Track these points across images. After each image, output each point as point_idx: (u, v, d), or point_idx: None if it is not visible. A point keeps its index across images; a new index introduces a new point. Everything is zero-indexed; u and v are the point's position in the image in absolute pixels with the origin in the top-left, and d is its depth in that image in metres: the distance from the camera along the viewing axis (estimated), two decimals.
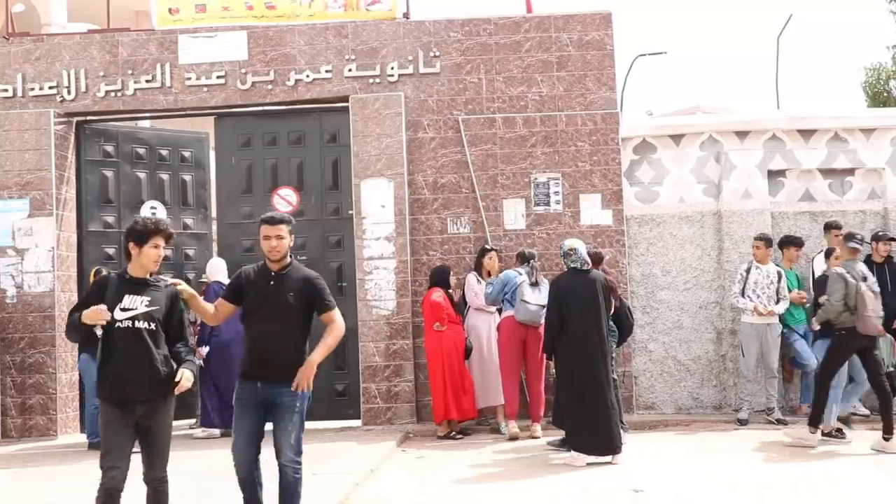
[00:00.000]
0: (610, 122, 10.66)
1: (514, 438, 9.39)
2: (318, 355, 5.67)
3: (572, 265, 8.37)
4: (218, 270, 10.47)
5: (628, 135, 10.85)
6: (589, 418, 8.06)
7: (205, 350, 10.03)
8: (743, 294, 9.85)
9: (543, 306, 9.35)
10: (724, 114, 18.09)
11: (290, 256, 5.82)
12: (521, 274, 9.57)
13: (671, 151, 10.88)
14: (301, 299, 5.73)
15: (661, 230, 10.75)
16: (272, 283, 5.73)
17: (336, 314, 5.86)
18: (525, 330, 9.51)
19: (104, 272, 8.78)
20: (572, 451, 8.13)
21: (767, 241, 10.01)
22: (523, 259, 9.71)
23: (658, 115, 23.63)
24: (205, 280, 10.52)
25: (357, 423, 10.49)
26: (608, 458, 8.07)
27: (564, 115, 10.66)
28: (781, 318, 9.91)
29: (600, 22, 10.77)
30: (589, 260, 8.46)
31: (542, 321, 9.34)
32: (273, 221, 5.80)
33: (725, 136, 10.83)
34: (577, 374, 8.15)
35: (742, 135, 10.82)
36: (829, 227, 10.28)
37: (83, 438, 10.57)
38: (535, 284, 9.51)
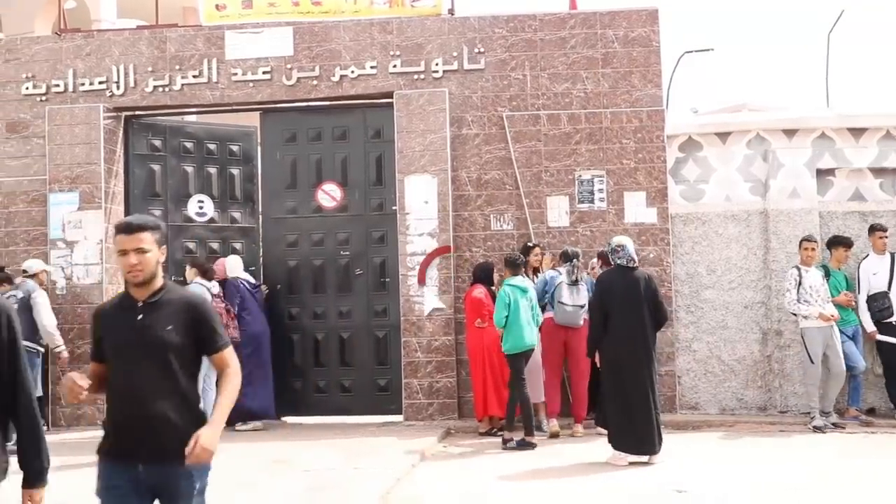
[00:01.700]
0: (655, 120, 10.58)
1: (554, 436, 9.38)
2: (220, 417, 4.04)
3: (619, 262, 8.31)
4: (234, 268, 10.58)
5: (674, 132, 10.75)
6: (631, 417, 8.00)
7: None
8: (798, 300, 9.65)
9: (582, 306, 9.32)
10: (771, 111, 17.84)
11: (164, 276, 4.10)
12: (560, 274, 9.54)
13: (717, 149, 10.76)
14: (184, 333, 3.99)
15: (706, 229, 10.65)
16: (140, 316, 3.96)
17: (230, 355, 4.12)
18: (565, 331, 9.49)
19: None
20: (614, 451, 8.08)
21: (816, 243, 9.88)
22: (565, 258, 9.67)
23: (703, 112, 23.38)
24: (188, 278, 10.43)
25: (399, 418, 10.53)
26: (646, 458, 8.02)
27: (609, 113, 10.59)
28: None
29: (646, 18, 10.68)
30: (636, 257, 8.39)
31: (582, 322, 9.33)
32: (130, 229, 3.96)
33: (773, 135, 10.69)
34: (621, 372, 8.10)
35: (790, 133, 10.68)
36: (873, 228, 10.13)
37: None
38: (574, 284, 9.45)
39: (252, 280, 10.71)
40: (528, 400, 9.00)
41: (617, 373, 8.14)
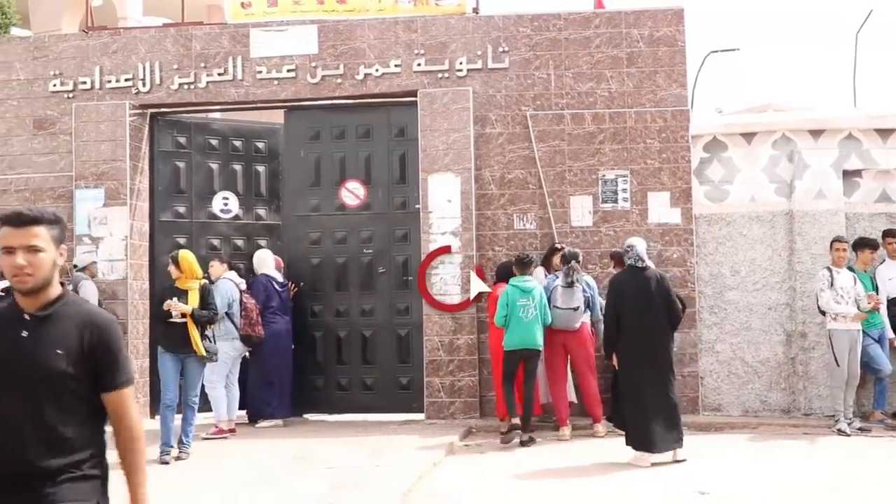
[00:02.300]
0: (680, 120, 10.53)
1: (562, 440, 9.33)
2: (143, 492, 3.20)
3: (629, 262, 8.32)
4: (265, 263, 10.61)
5: (698, 132, 10.70)
6: (649, 417, 7.96)
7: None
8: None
9: (576, 309, 9.28)
10: (797, 112, 17.72)
11: (64, 283, 3.34)
12: (557, 277, 9.50)
13: (742, 150, 10.70)
14: (77, 360, 3.07)
15: (730, 229, 10.59)
16: (24, 332, 3.08)
17: (129, 399, 3.18)
18: (563, 335, 9.43)
19: None
20: (636, 452, 8.06)
21: (847, 244, 9.80)
22: (564, 260, 9.63)
23: (728, 112, 23.24)
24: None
25: (420, 416, 10.54)
26: (670, 457, 8.01)
27: (634, 112, 10.55)
28: None
29: (672, 18, 10.64)
30: (646, 257, 8.35)
31: (578, 324, 9.32)
32: (21, 221, 3.09)
33: (799, 135, 10.61)
34: (636, 373, 8.10)
35: (817, 133, 10.60)
36: (886, 234, 10.08)
37: (154, 425, 10.79)
38: (569, 286, 9.35)
39: (280, 278, 10.69)
40: (513, 398, 9.12)
41: (632, 373, 8.14)
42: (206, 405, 9.74)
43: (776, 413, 10.36)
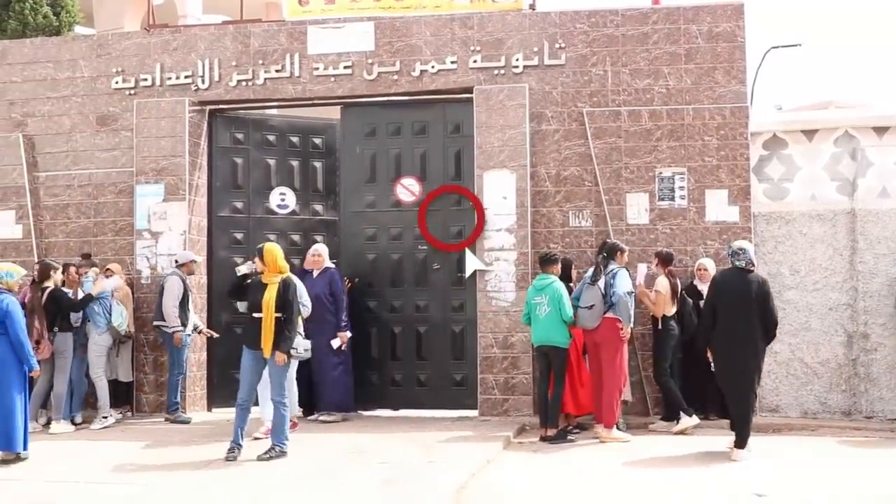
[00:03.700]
0: (739, 117, 10.38)
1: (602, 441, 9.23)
2: None
3: (737, 263, 8.43)
4: (327, 256, 10.63)
5: (758, 130, 10.54)
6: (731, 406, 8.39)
7: (348, 333, 10.31)
8: None
9: (591, 307, 9.11)
10: (859, 109, 17.40)
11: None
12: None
13: (803, 147, 10.52)
14: None
15: (790, 228, 10.43)
16: None
17: None
18: (590, 333, 9.27)
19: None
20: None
21: None
22: (598, 254, 9.53)
23: (788, 109, 22.86)
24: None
25: (474, 412, 10.55)
26: (728, 449, 8.21)
27: (692, 109, 10.43)
28: None
29: (732, 13, 10.49)
30: (755, 261, 8.54)
31: (596, 323, 9.11)
32: None
33: (862, 132, 10.40)
34: (724, 368, 8.38)
35: (881, 131, 10.38)
36: None
37: (211, 416, 10.96)
38: (593, 283, 9.20)
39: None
40: (546, 394, 9.19)
41: (725, 365, 8.40)
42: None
43: (836, 415, 10.18)
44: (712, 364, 8.54)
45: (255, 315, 8.16)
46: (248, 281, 8.37)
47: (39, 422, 9.99)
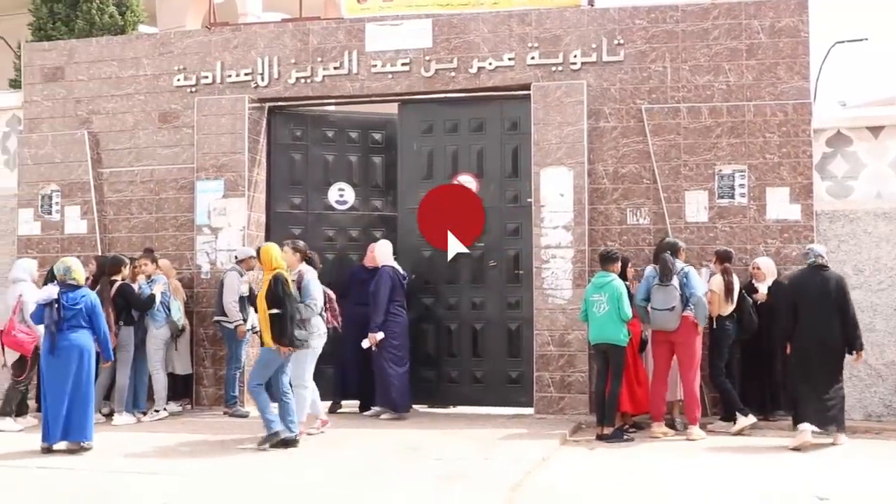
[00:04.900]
0: (801, 113, 10.19)
1: (656, 437, 9.25)
2: None
3: (810, 262, 8.85)
4: (386, 255, 10.64)
5: (821, 126, 10.35)
6: (818, 394, 8.65)
7: (380, 335, 10.26)
8: None
9: (671, 308, 9.06)
10: None
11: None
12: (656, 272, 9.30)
13: (868, 144, 10.30)
14: None
15: (854, 227, 10.22)
16: None
17: None
18: (664, 334, 9.23)
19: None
20: (800, 424, 8.59)
21: None
22: (656, 253, 9.47)
23: (852, 105, 22.41)
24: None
25: (529, 410, 10.51)
26: (829, 436, 8.66)
27: (753, 105, 10.27)
28: None
29: (795, 7, 10.30)
30: (825, 255, 8.93)
31: (675, 325, 9.09)
32: None
33: None
34: (810, 359, 8.70)
35: None
36: None
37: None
38: (664, 284, 9.13)
39: (401, 269, 10.71)
40: (603, 393, 9.20)
41: (806, 360, 8.73)
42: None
43: None
44: (790, 361, 8.87)
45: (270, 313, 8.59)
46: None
47: (102, 412, 10.20)
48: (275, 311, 8.49)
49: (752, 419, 9.30)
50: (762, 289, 9.71)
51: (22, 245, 11.80)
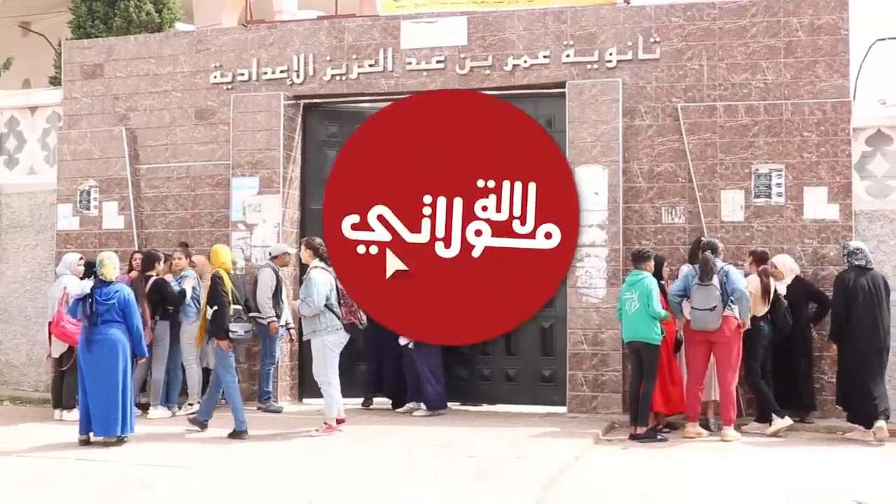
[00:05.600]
0: (841, 112, 10.07)
1: (690, 437, 9.21)
2: None
3: (857, 263, 9.04)
4: None
5: (861, 125, 10.22)
6: (864, 394, 9.00)
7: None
8: None
9: (713, 308, 8.99)
10: None
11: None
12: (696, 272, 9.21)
13: None
14: None
15: (894, 227, 10.08)
16: None
17: None
18: (704, 335, 9.17)
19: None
20: (856, 425, 9.07)
21: None
22: (692, 251, 9.43)
23: (892, 104, 22.08)
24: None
25: (562, 409, 10.49)
26: (872, 428, 8.92)
27: (790, 104, 10.16)
28: None
29: (835, 5, 10.18)
30: (871, 258, 9.17)
31: (716, 325, 9.02)
32: None
33: None
34: (857, 358, 9.02)
35: None
36: None
37: (301, 407, 11.13)
38: (705, 284, 9.05)
39: None
40: (636, 392, 9.18)
41: (866, 359, 9.02)
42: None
43: None
44: (843, 361, 9.17)
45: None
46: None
47: (141, 402, 10.31)
48: (214, 308, 9.01)
49: (788, 421, 9.22)
50: (780, 288, 9.58)
51: (61, 240, 11.96)
